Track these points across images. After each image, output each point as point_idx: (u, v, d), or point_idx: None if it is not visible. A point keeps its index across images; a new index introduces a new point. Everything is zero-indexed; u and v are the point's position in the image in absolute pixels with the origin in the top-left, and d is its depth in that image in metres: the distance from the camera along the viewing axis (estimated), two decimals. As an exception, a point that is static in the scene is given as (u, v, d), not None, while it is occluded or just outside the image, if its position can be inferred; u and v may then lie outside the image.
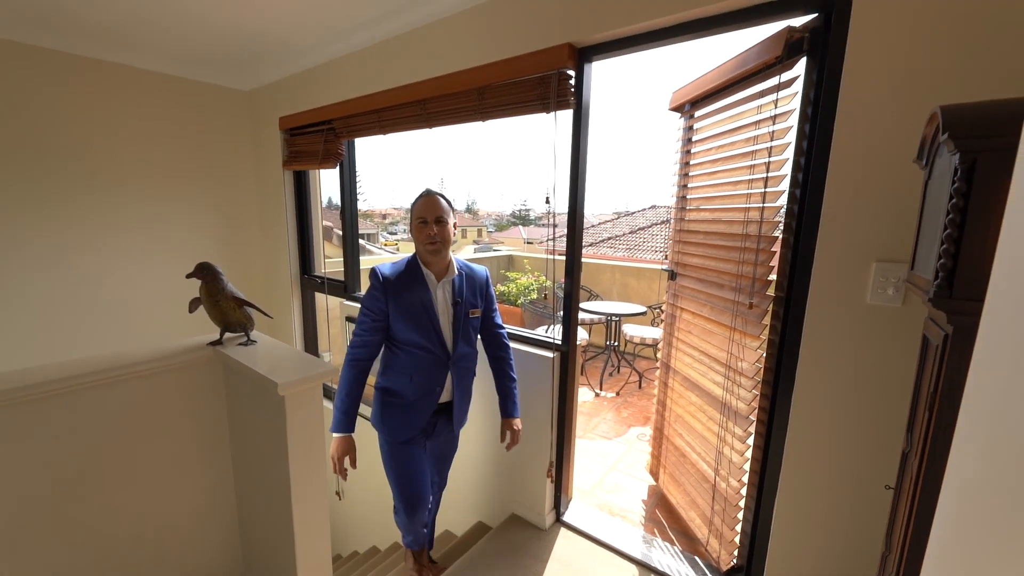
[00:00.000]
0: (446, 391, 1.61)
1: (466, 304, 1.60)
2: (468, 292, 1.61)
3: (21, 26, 2.30)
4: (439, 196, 1.54)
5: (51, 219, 2.57)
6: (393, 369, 1.58)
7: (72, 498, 1.25)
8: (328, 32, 2.39)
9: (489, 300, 1.70)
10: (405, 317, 1.52)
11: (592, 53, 1.65)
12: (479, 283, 1.66)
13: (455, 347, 1.58)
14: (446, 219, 1.53)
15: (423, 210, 1.52)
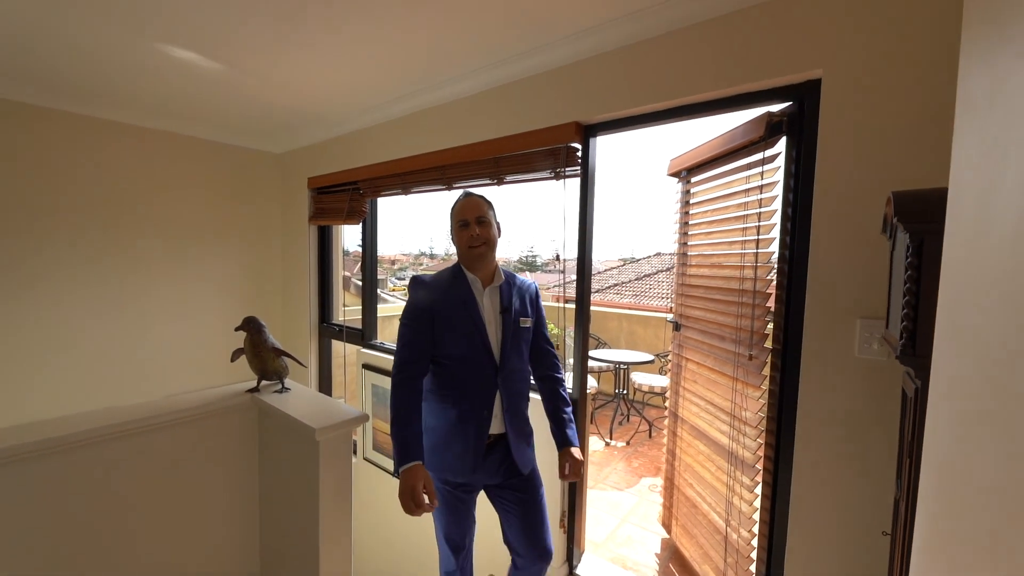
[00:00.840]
0: (496, 418, 1.39)
1: (516, 312, 1.44)
2: (517, 300, 1.47)
3: (74, 98, 2.61)
4: (479, 196, 1.45)
5: (102, 272, 2.77)
6: (435, 393, 1.42)
7: (108, 537, 1.32)
8: (357, 108, 2.67)
9: (539, 313, 1.54)
10: (448, 325, 1.38)
11: (597, 129, 1.86)
12: (529, 293, 1.53)
13: (504, 359, 1.39)
14: (489, 219, 1.42)
15: (463, 211, 1.42)
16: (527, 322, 1.47)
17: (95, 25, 1.78)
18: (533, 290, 1.56)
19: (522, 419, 1.47)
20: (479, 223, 1.41)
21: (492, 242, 1.44)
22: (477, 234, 1.40)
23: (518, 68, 2.00)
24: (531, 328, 1.49)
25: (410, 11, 1.63)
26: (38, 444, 1.17)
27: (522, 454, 1.44)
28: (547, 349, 1.57)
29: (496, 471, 1.43)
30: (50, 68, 2.19)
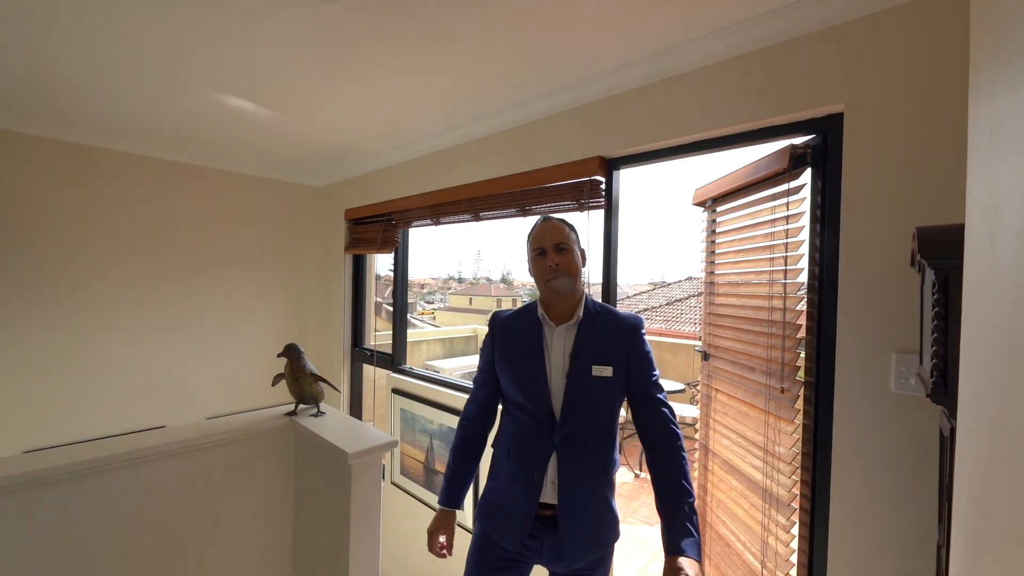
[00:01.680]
0: (549, 486, 1.16)
1: (589, 355, 1.16)
2: (598, 341, 1.19)
3: (136, 141, 2.88)
4: (559, 220, 1.26)
5: (156, 298, 2.99)
6: (497, 440, 1.28)
7: (151, 552, 1.40)
8: (391, 144, 2.83)
9: (639, 358, 1.20)
10: (508, 367, 1.23)
11: (620, 163, 1.91)
12: (621, 333, 1.21)
13: (565, 416, 1.15)
14: (569, 245, 1.22)
15: (541, 237, 1.23)
16: (603, 371, 1.16)
17: (162, 78, 2.00)
18: (628, 327, 1.22)
19: (586, 499, 1.16)
20: (559, 251, 1.20)
21: (575, 272, 1.21)
22: (556, 264, 1.19)
23: (542, 106, 2.10)
24: (613, 380, 1.17)
25: (439, 61, 1.76)
26: (89, 463, 1.27)
27: (575, 542, 1.14)
28: (653, 404, 1.19)
29: (551, 553, 1.17)
30: (118, 115, 2.46)
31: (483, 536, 1.24)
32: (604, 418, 1.20)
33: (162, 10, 1.49)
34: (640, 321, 1.27)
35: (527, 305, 1.31)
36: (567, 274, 1.20)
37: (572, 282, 1.22)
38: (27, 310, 2.55)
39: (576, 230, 1.29)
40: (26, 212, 2.54)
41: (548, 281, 1.21)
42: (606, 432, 1.21)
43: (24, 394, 2.54)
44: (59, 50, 1.75)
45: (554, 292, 1.22)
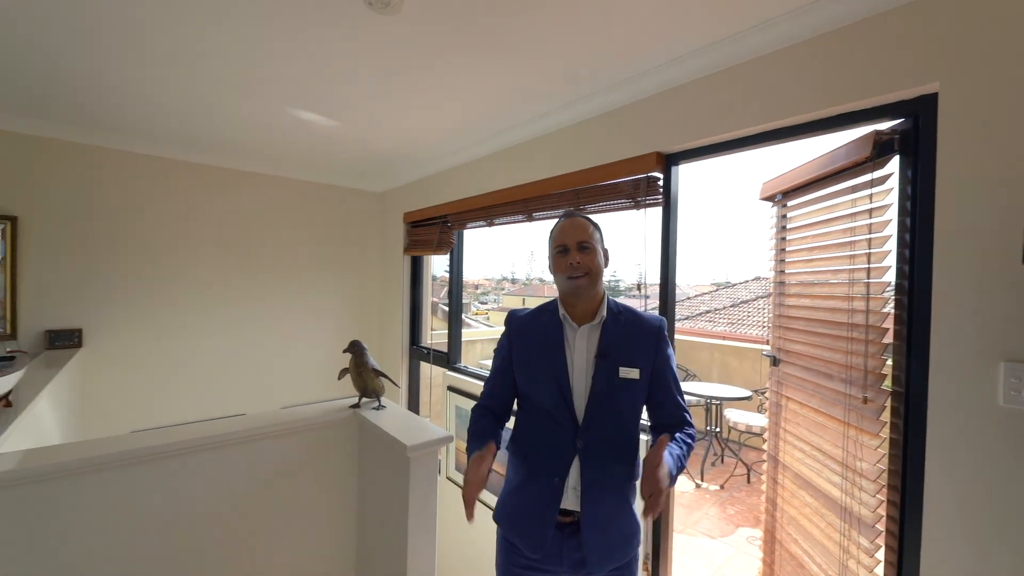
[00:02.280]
0: (570, 492, 1.12)
1: (616, 358, 1.13)
2: (623, 343, 1.15)
3: (215, 154, 3.18)
4: (583, 218, 1.21)
5: (232, 297, 3.30)
6: (513, 441, 1.25)
7: (224, 531, 1.53)
8: (447, 149, 2.92)
9: (663, 362, 1.17)
10: (526, 367, 1.20)
11: (679, 158, 1.84)
12: (646, 334, 1.17)
13: (589, 418, 1.12)
14: (593, 245, 1.17)
15: (562, 235, 1.18)
16: (631, 373, 1.11)
17: (239, 95, 2.20)
18: (653, 328, 1.18)
19: (609, 506, 1.11)
20: (581, 249, 1.16)
21: (597, 272, 1.16)
22: (578, 262, 1.14)
23: (597, 104, 2.07)
24: (639, 382, 1.13)
25: (495, 64, 1.79)
26: (182, 444, 1.42)
27: (597, 551, 1.10)
28: (673, 410, 1.16)
29: (572, 560, 1.13)
30: (200, 131, 2.73)
31: (506, 540, 1.21)
32: (628, 422, 1.17)
33: (235, 31, 1.64)
34: (664, 322, 1.23)
35: (545, 304, 1.26)
36: (589, 274, 1.16)
37: (593, 282, 1.17)
38: (126, 308, 2.91)
39: (600, 229, 1.24)
40: (121, 220, 2.90)
41: (569, 280, 1.17)
42: (630, 436, 1.18)
43: (130, 382, 2.90)
44: (148, 75, 1.98)
45: (575, 292, 1.17)
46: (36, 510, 1.21)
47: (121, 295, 2.87)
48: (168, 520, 1.40)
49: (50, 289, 2.64)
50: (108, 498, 1.31)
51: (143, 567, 1.36)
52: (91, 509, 1.29)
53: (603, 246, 1.22)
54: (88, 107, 2.34)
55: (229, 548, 1.51)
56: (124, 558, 1.33)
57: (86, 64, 1.87)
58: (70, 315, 2.70)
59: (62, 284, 2.68)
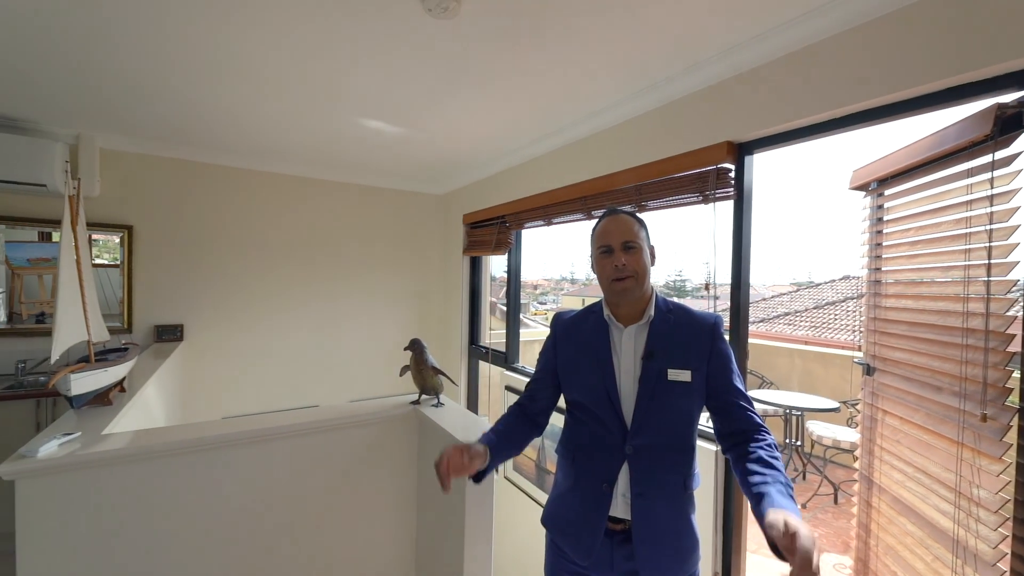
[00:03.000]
0: (620, 499, 1.06)
1: (664, 359, 1.06)
2: (673, 343, 1.08)
3: (294, 164, 3.40)
4: (628, 215, 1.13)
5: (302, 298, 3.54)
6: (561, 443, 1.21)
7: (295, 513, 1.63)
8: (504, 149, 2.92)
9: (720, 362, 1.08)
10: (571, 368, 1.16)
11: (752, 147, 1.70)
12: (698, 333, 1.09)
13: (638, 424, 1.05)
14: (638, 244, 1.09)
15: (606, 235, 1.11)
16: (680, 375, 1.04)
17: (313, 108, 2.35)
18: (706, 326, 1.10)
19: (662, 515, 1.04)
20: (626, 249, 1.09)
21: (642, 274, 1.09)
22: (623, 264, 1.08)
23: (660, 95, 1.96)
24: (692, 385, 1.05)
25: (554, 61, 1.76)
26: (262, 431, 1.55)
27: (650, 562, 1.03)
28: (737, 412, 1.05)
29: (624, 571, 1.07)
30: (277, 143, 2.95)
31: (554, 544, 1.18)
32: (681, 427, 1.08)
33: (307, 50, 1.74)
34: (719, 320, 1.12)
35: (591, 305, 1.21)
36: (634, 276, 1.09)
37: (640, 283, 1.10)
38: (219, 307, 3.23)
39: (646, 226, 1.16)
40: (215, 227, 3.21)
41: (613, 282, 1.10)
42: (684, 442, 1.09)
43: (222, 372, 3.21)
44: (238, 98, 2.17)
45: (620, 294, 1.11)
46: (143, 484, 1.36)
47: (215, 295, 3.19)
48: (249, 499, 1.52)
49: (158, 289, 3.00)
50: (201, 476, 1.45)
51: (227, 540, 1.49)
52: (187, 485, 1.43)
53: (649, 243, 1.15)
54: (188, 128, 2.62)
55: (300, 531, 1.62)
56: (211, 531, 1.47)
57: (190, 93, 2.10)
58: (174, 312, 3.04)
59: (168, 284, 3.03)
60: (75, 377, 1.44)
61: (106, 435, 1.40)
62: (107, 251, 2.94)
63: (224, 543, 1.48)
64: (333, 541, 1.68)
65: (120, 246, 2.88)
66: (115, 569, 1.31)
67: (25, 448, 1.20)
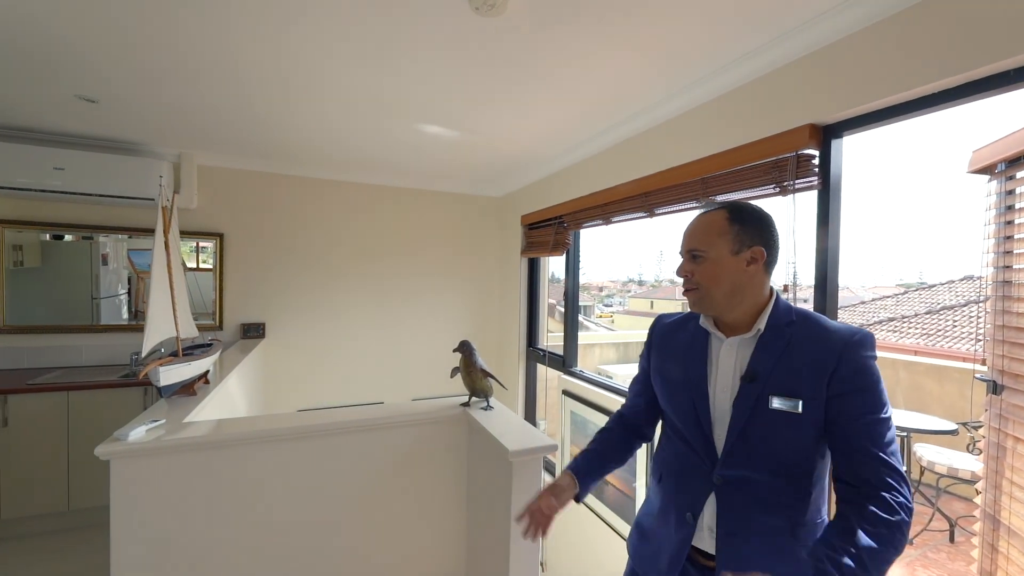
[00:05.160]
0: (707, 534, 0.94)
1: (770, 383, 0.89)
2: (785, 364, 0.89)
3: (357, 171, 3.57)
4: (715, 212, 0.98)
5: (368, 299, 3.71)
6: (655, 458, 1.11)
7: (353, 504, 1.68)
8: (561, 148, 2.85)
9: (849, 392, 0.84)
10: (664, 382, 1.05)
11: (840, 129, 1.48)
12: (823, 354, 0.87)
13: (729, 453, 0.92)
14: (706, 253, 0.95)
15: (683, 238, 1.02)
16: (787, 404, 0.87)
17: (377, 119, 2.44)
18: (835, 346, 0.86)
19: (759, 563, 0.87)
20: (693, 258, 0.97)
21: (710, 285, 0.95)
22: (686, 274, 0.98)
23: (727, 79, 1.79)
24: (803, 417, 0.86)
25: (611, 52, 1.66)
26: (332, 425, 1.62)
27: None
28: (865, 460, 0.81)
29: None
30: (344, 153, 3.11)
31: (632, 572, 1.09)
32: (789, 465, 0.89)
33: (362, 58, 1.80)
34: (863, 338, 0.87)
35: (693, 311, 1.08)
36: (702, 288, 0.96)
37: (707, 297, 0.95)
38: (296, 307, 3.48)
39: (746, 222, 0.95)
40: (293, 234, 3.47)
41: (684, 291, 0.99)
42: (791, 483, 0.89)
43: (297, 368, 3.47)
44: (305, 113, 2.31)
45: (691, 306, 1.00)
46: (218, 469, 1.48)
47: (293, 296, 3.45)
48: (313, 489, 1.60)
49: (244, 290, 3.31)
50: (272, 465, 1.55)
51: (290, 526, 1.58)
52: (259, 473, 1.53)
53: (749, 243, 0.94)
54: (267, 144, 2.86)
55: (357, 523, 1.67)
56: (277, 517, 1.56)
57: (266, 113, 2.28)
58: (257, 311, 3.34)
59: (252, 286, 3.33)
60: (163, 369, 1.60)
61: (187, 423, 1.54)
62: (205, 256, 3.30)
63: (288, 529, 1.57)
64: (386, 535, 1.72)
65: (214, 252, 3.21)
66: (191, 545, 1.44)
67: (118, 432, 1.36)
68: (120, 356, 2.97)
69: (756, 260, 0.94)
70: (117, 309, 3.10)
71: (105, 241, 3.03)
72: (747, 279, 0.93)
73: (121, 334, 3.03)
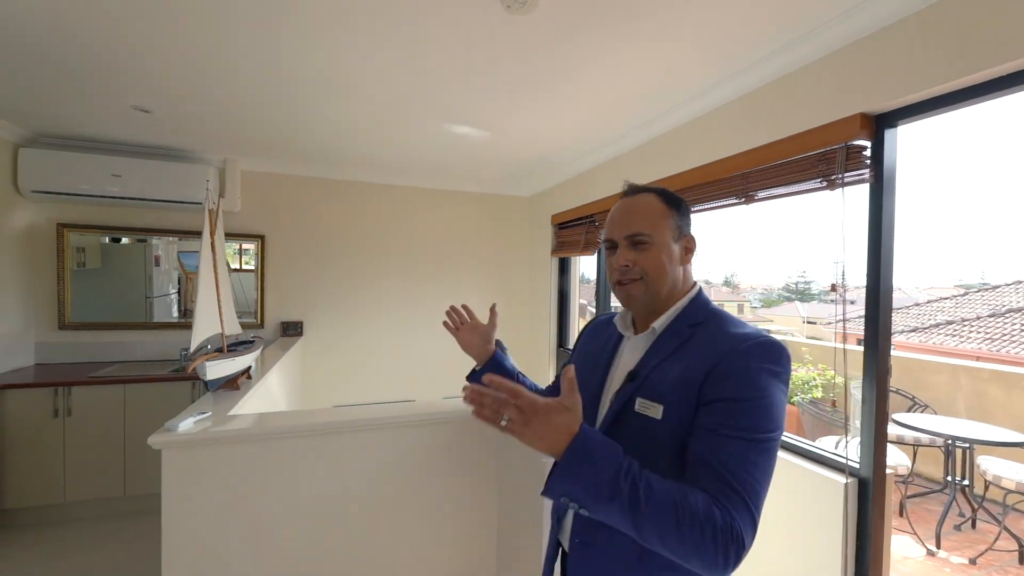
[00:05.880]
0: (567, 532, 0.85)
1: (644, 385, 0.79)
2: (672, 363, 0.78)
3: (388, 174, 3.63)
4: (650, 193, 0.87)
5: (401, 297, 3.78)
6: None
7: (391, 497, 1.71)
8: (593, 145, 2.80)
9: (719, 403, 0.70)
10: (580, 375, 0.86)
11: (895, 118, 1.39)
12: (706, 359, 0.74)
13: None
14: (653, 238, 0.83)
15: (611, 225, 0.88)
16: (649, 408, 0.76)
17: (409, 120, 2.47)
18: (721, 350, 0.74)
19: (604, 567, 0.77)
20: (634, 245, 0.84)
21: (656, 275, 0.83)
22: (627, 264, 0.84)
23: (770, 68, 1.71)
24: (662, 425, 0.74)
25: (638, 47, 1.62)
26: (366, 421, 1.66)
27: None
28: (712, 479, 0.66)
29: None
30: (376, 155, 3.17)
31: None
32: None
33: (395, 60, 1.82)
34: (756, 346, 0.72)
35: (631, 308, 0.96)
36: (645, 280, 0.83)
37: (653, 288, 0.83)
38: (332, 307, 3.59)
39: (680, 207, 0.86)
40: (328, 235, 3.57)
41: (616, 285, 0.87)
42: None
43: (333, 365, 3.57)
44: (341, 117, 2.37)
45: (625, 302, 0.87)
46: (260, 460, 1.53)
47: (329, 295, 3.56)
48: (347, 483, 1.63)
49: (284, 290, 3.43)
50: (310, 458, 1.59)
51: (325, 518, 1.61)
52: (297, 465, 1.57)
53: (684, 232, 0.86)
54: (306, 149, 2.96)
55: (391, 516, 1.69)
56: (313, 508, 1.59)
57: (306, 119, 2.36)
58: (296, 310, 3.46)
59: (291, 286, 3.46)
60: (210, 364, 1.67)
61: (231, 416, 1.60)
62: (248, 257, 3.44)
63: (323, 521, 1.60)
64: (417, 531, 1.73)
65: (256, 254, 3.35)
66: (235, 532, 1.49)
67: (169, 423, 1.43)
68: (170, 352, 3.14)
69: (690, 250, 0.87)
70: (168, 307, 3.28)
71: (157, 243, 3.21)
72: (682, 271, 0.86)
73: (171, 331, 3.20)
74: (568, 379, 0.66)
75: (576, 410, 0.65)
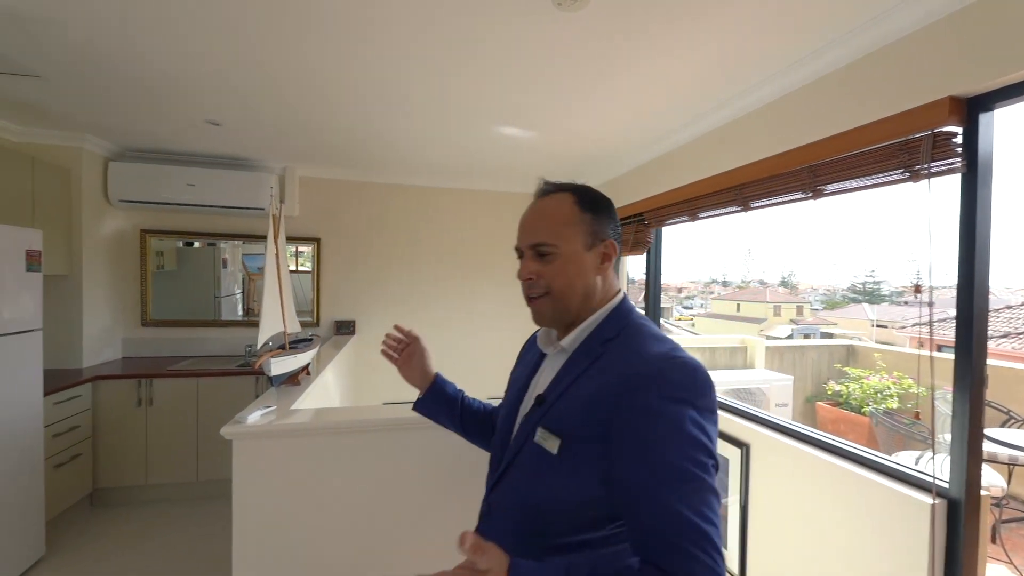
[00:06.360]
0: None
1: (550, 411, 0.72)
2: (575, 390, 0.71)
3: (433, 176, 3.67)
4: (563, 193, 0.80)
5: (446, 297, 3.85)
6: None
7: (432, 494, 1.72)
8: (644, 140, 2.72)
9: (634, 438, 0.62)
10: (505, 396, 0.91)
11: (992, 101, 1.25)
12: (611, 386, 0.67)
13: (499, 480, 0.78)
14: (556, 247, 0.76)
15: (518, 230, 0.82)
16: (548, 441, 0.69)
17: (455, 123, 2.50)
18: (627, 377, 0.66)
19: None
20: (539, 256, 0.77)
21: (563, 290, 0.75)
22: (529, 277, 0.78)
23: (842, 52, 1.58)
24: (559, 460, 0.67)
25: (696, 35, 1.55)
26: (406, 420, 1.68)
27: None
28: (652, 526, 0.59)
29: None
30: (425, 159, 3.23)
31: None
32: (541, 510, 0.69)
33: (442, 63, 1.84)
34: (656, 374, 0.64)
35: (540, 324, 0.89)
36: (548, 292, 0.76)
37: (560, 303, 0.76)
38: (381, 306, 3.71)
39: (600, 206, 0.79)
40: (380, 237, 3.70)
41: (527, 299, 0.80)
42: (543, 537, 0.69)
43: (382, 363, 3.62)
44: (390, 124, 2.43)
45: (534, 317, 0.80)
46: (319, 452, 1.60)
47: (380, 295, 3.69)
48: (394, 478, 1.67)
49: (337, 290, 3.59)
50: (362, 451, 1.65)
51: (375, 509, 1.66)
52: (351, 457, 1.63)
53: (601, 236, 0.78)
54: (357, 155, 3.08)
55: (438, 513, 1.71)
56: (362, 500, 1.64)
57: (356, 127, 2.45)
58: (349, 310, 3.61)
59: (344, 287, 3.61)
60: (275, 360, 1.77)
61: (294, 410, 1.69)
62: (303, 259, 3.63)
63: (373, 509, 1.65)
64: (462, 524, 1.73)
65: (312, 256, 3.53)
66: (296, 516, 1.57)
67: (239, 415, 1.52)
68: (235, 347, 3.36)
69: (609, 257, 0.78)
70: (234, 306, 3.51)
71: (224, 246, 3.45)
72: (599, 281, 0.77)
73: (236, 328, 3.43)
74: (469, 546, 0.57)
75: (493, 563, 0.57)
